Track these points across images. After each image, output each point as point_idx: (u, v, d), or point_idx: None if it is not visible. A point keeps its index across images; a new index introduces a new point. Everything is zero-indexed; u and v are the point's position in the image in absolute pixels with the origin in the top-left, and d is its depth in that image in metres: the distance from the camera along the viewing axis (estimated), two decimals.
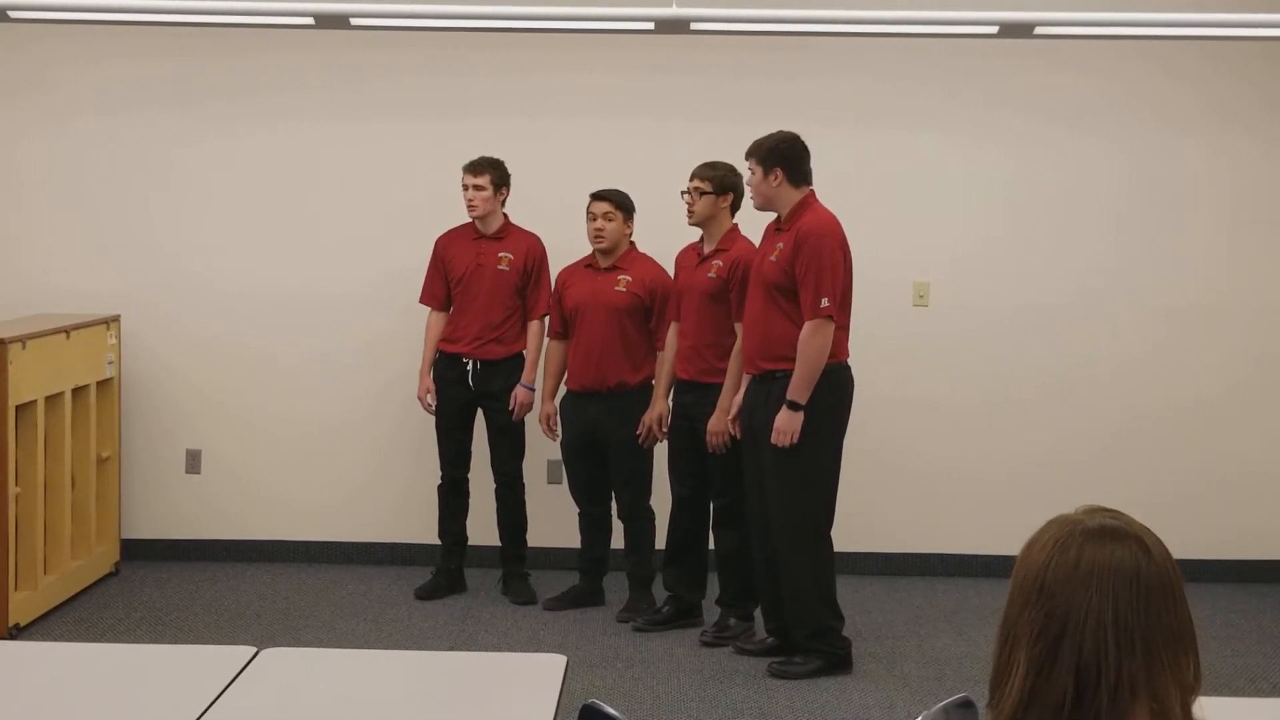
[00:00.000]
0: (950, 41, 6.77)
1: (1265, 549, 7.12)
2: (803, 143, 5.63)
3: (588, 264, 6.44)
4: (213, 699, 3.07)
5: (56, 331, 6.29)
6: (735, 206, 6.08)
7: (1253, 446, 7.12)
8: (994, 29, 5.90)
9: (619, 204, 6.33)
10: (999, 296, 7.08)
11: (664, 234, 6.37)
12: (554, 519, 6.79)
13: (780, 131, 5.65)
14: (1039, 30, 5.90)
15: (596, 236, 6.33)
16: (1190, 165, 7.06)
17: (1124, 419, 7.10)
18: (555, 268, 6.59)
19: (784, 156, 5.58)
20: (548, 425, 6.52)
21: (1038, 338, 7.09)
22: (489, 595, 6.62)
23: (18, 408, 5.96)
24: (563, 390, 6.52)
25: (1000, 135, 7.05)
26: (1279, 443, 7.12)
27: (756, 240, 5.91)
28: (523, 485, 6.67)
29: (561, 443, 6.52)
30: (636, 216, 6.39)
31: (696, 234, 6.16)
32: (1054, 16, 5.92)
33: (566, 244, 6.56)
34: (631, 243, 6.42)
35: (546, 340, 6.55)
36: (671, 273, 6.31)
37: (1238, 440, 7.12)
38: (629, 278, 6.34)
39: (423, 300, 6.66)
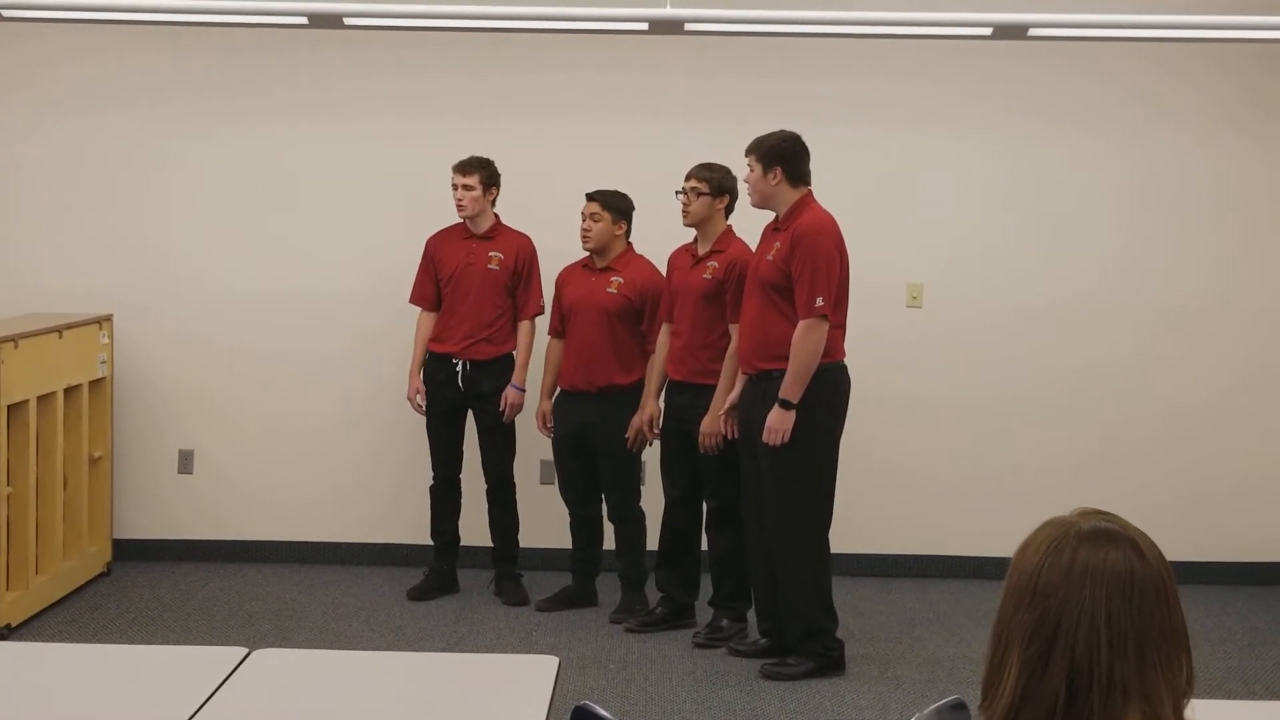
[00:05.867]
0: (945, 42, 6.77)
1: (1259, 551, 7.12)
2: (803, 143, 5.64)
3: (585, 264, 6.45)
4: (204, 700, 3.06)
5: (49, 331, 6.28)
6: (729, 209, 6.08)
7: (1247, 449, 7.12)
8: (988, 30, 5.90)
9: (607, 204, 6.33)
10: (992, 298, 7.08)
11: (657, 234, 6.37)
12: (546, 520, 6.78)
13: (781, 130, 5.66)
14: (1033, 32, 5.90)
15: (583, 236, 6.34)
16: (1187, 167, 7.06)
17: (1118, 421, 7.11)
18: (546, 268, 6.58)
19: (784, 155, 5.59)
20: (542, 422, 6.52)
21: (1031, 339, 7.09)
22: (481, 596, 6.62)
23: (10, 407, 5.95)
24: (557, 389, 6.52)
25: (995, 136, 7.05)
26: (1273, 445, 7.13)
27: (750, 242, 5.91)
28: (514, 486, 6.67)
29: (553, 441, 6.52)
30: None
31: (688, 234, 6.15)
32: (1048, 18, 5.91)
33: (558, 244, 6.56)
34: (629, 244, 6.42)
35: (548, 339, 6.55)
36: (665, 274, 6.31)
37: (1232, 443, 7.12)
38: (621, 279, 6.34)
39: (412, 300, 6.66)
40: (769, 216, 5.74)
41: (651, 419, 6.25)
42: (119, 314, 6.95)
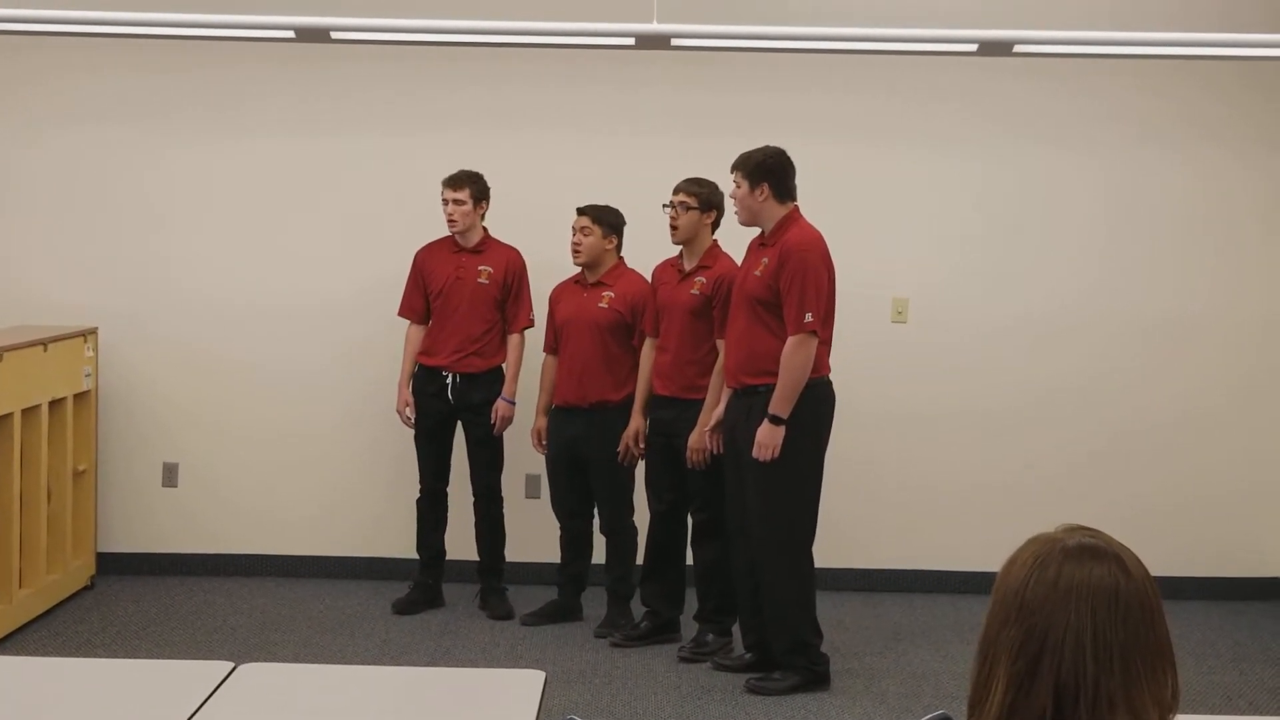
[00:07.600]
0: (930, 58, 6.80)
1: (1242, 567, 7.15)
2: (789, 158, 5.65)
3: (576, 280, 6.45)
4: (190, 714, 3.05)
5: (34, 344, 6.27)
6: (716, 224, 6.09)
7: (1230, 462, 7.15)
8: (973, 47, 5.92)
9: (597, 219, 6.34)
10: (977, 312, 7.10)
11: (645, 248, 6.38)
12: (532, 533, 6.78)
13: (767, 146, 5.67)
14: (1018, 49, 5.93)
15: (573, 250, 6.35)
16: (1167, 181, 7.10)
17: (1101, 435, 7.12)
18: (536, 281, 6.59)
19: (771, 171, 5.60)
20: (538, 439, 6.51)
21: (1015, 353, 7.11)
22: (467, 610, 6.61)
23: None
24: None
25: (980, 151, 7.08)
26: (1256, 459, 7.15)
27: (736, 257, 5.92)
28: (501, 499, 6.66)
29: (547, 457, 6.51)
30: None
31: (677, 249, 6.16)
32: (1033, 35, 5.94)
33: (547, 258, 6.57)
34: (620, 259, 6.42)
35: (542, 355, 6.55)
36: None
37: (1215, 456, 7.15)
38: (613, 294, 6.35)
39: (401, 313, 6.66)
40: (751, 231, 5.75)
41: (636, 434, 6.25)
42: (104, 327, 6.93)
